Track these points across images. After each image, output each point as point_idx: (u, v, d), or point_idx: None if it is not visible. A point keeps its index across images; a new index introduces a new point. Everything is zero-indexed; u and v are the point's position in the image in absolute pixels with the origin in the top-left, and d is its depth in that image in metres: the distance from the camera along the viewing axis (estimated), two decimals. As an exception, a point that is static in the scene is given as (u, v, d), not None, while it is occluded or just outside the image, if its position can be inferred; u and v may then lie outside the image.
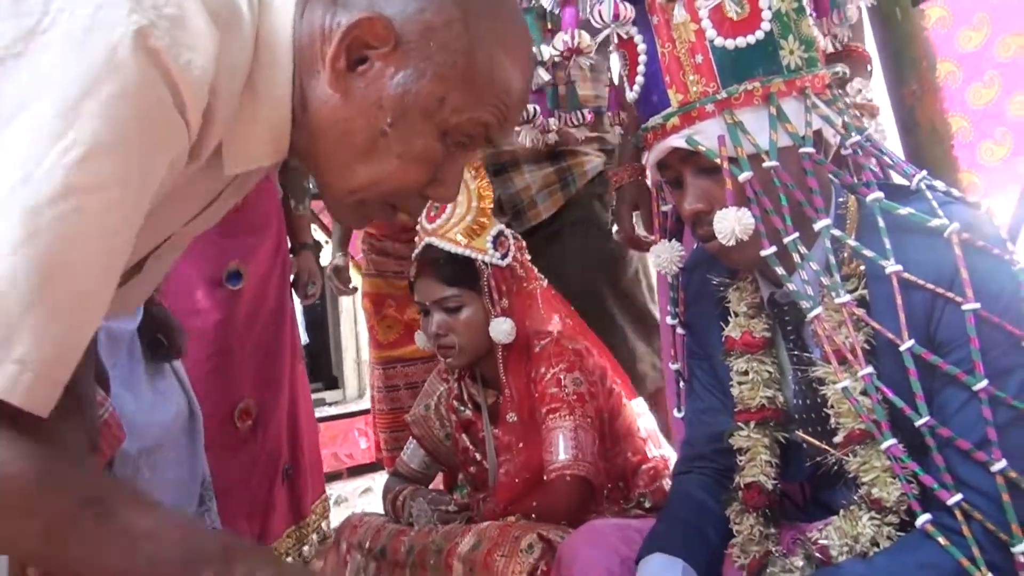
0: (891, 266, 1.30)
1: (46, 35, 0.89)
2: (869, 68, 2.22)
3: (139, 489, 1.00)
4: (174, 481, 2.19)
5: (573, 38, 1.50)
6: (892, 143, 2.29)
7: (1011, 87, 2.78)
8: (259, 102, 1.07)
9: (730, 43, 1.38)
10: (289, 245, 3.21)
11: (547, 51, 1.58)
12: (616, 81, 1.81)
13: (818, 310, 1.35)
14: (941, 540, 1.24)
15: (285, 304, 3.06)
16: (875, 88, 2.30)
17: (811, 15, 1.46)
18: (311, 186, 3.30)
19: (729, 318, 1.56)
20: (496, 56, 1.09)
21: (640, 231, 2.51)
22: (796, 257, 1.35)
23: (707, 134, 1.38)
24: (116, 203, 0.92)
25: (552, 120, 1.84)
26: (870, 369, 1.31)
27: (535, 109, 1.81)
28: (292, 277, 3.22)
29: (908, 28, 2.87)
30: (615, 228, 2.53)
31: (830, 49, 1.62)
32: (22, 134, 0.87)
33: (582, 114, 1.86)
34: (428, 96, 1.06)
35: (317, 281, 3.35)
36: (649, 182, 2.47)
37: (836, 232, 1.36)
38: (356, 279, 3.83)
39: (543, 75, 1.72)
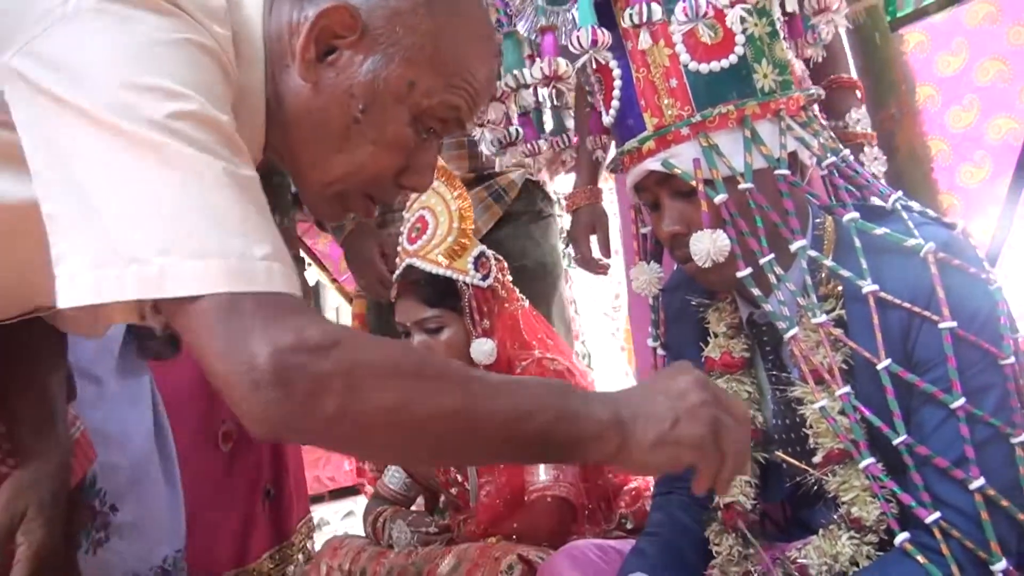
0: (868, 286, 1.31)
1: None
2: (859, 95, 2.24)
3: None
4: (159, 501, 2.17)
5: (550, 65, 1.50)
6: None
7: (989, 111, 2.80)
8: (240, 94, 1.07)
9: (704, 67, 1.39)
10: None
11: (528, 75, 1.59)
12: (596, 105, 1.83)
13: (794, 330, 1.36)
14: (920, 559, 1.24)
15: None
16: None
17: (784, 38, 1.48)
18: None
19: (708, 339, 1.56)
20: (461, 39, 1.12)
21: (596, 254, 2.54)
22: (772, 278, 1.36)
23: (682, 157, 1.39)
24: (230, 125, 0.96)
25: (542, 142, 1.84)
26: (847, 389, 1.32)
27: (518, 131, 1.82)
28: None
29: (887, 52, 2.90)
30: (571, 251, 2.55)
31: (799, 71, 1.64)
32: (128, 91, 0.89)
33: (567, 137, 1.87)
34: (398, 81, 1.07)
35: (307, 296, 3.35)
36: (603, 204, 2.50)
37: (812, 253, 1.37)
38: (343, 303, 3.80)
39: (528, 98, 1.72)
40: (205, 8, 0.99)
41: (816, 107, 1.54)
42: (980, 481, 1.23)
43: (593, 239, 2.56)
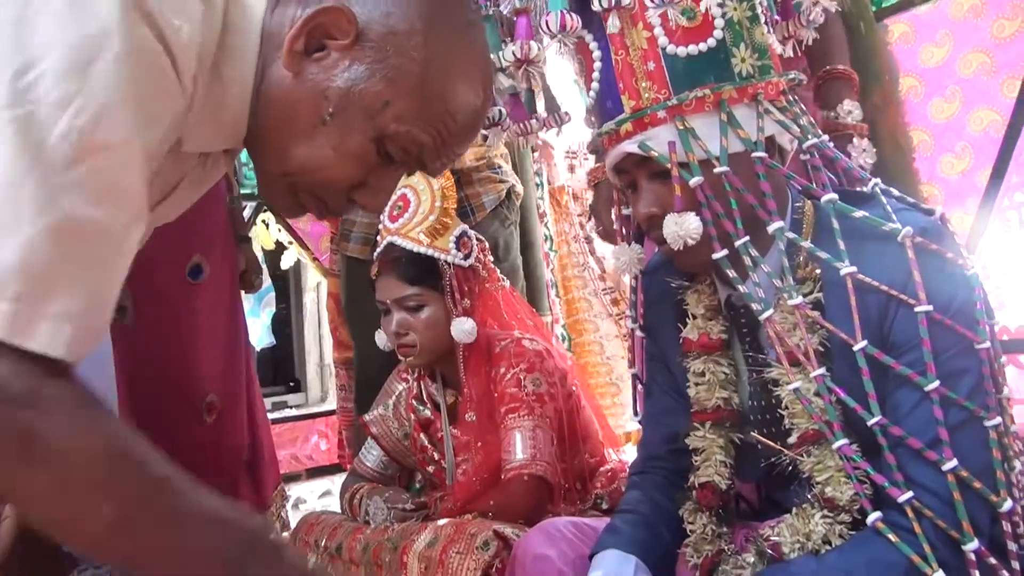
0: (846, 268, 1.32)
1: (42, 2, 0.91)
2: (854, 87, 2.25)
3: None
4: None
5: (522, 49, 1.51)
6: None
7: (972, 103, 2.82)
8: (222, 85, 1.08)
9: (682, 50, 1.40)
10: None
11: (499, 60, 1.61)
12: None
13: (769, 312, 1.36)
14: (892, 537, 1.24)
15: (237, 296, 3.06)
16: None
17: (766, 22, 1.47)
18: (244, 179, 3.34)
19: (687, 320, 1.57)
20: (450, 77, 1.12)
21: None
22: (747, 260, 1.36)
23: (659, 140, 1.40)
24: (128, 160, 0.94)
25: (534, 122, 1.86)
26: (823, 370, 1.33)
27: (500, 112, 1.82)
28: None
29: (872, 42, 2.91)
30: (591, 223, 2.57)
31: (789, 54, 1.65)
32: (33, 98, 0.87)
33: (558, 116, 1.87)
34: (374, 97, 1.08)
35: (261, 271, 3.37)
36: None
37: (790, 235, 1.37)
38: (324, 280, 3.81)
39: (503, 81, 1.73)
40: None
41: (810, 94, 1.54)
42: (953, 462, 1.24)
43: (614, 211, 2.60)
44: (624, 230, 1.78)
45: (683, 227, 1.36)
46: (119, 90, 0.91)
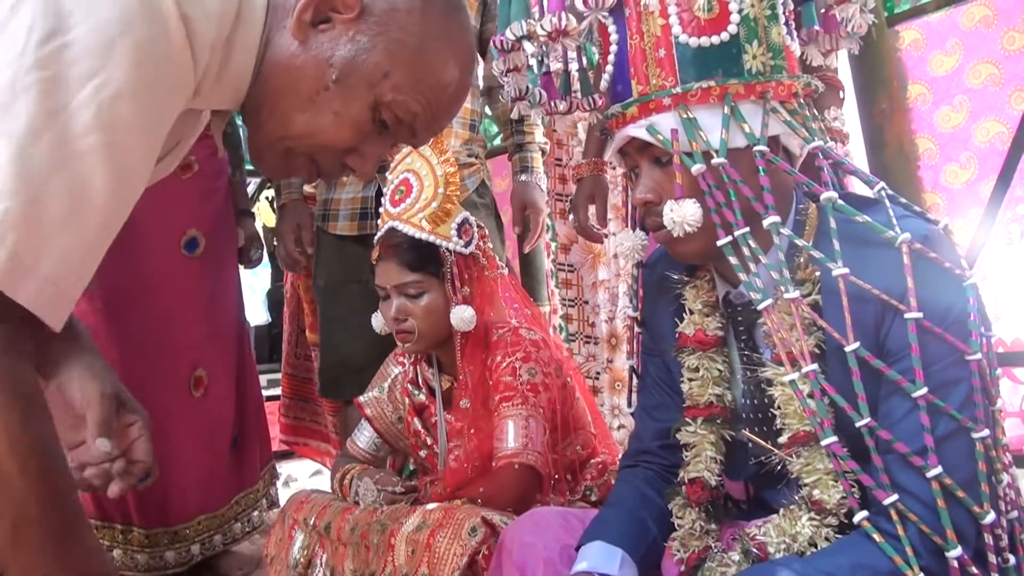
0: (838, 269, 1.32)
1: None
2: (842, 95, 2.26)
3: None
4: None
5: (552, 21, 1.55)
6: (859, 161, 2.32)
7: (979, 113, 2.83)
8: (233, 52, 1.14)
9: (693, 41, 1.40)
10: None
11: (521, 28, 1.63)
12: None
13: (768, 301, 1.36)
14: (876, 537, 1.25)
15: (233, 271, 3.06)
16: (846, 105, 2.34)
17: (786, 23, 1.47)
18: (246, 154, 3.34)
19: (684, 315, 1.57)
20: (442, 52, 1.23)
21: (593, 223, 2.60)
22: (746, 251, 1.37)
23: (662, 127, 1.40)
24: (138, 143, 1.03)
25: (562, 103, 1.87)
26: (815, 366, 1.33)
27: (541, 93, 1.84)
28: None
29: (882, 48, 2.92)
30: (571, 217, 2.59)
31: (835, 66, 1.66)
32: (59, 65, 0.95)
33: (593, 99, 1.88)
34: (375, 67, 1.18)
35: (261, 247, 3.36)
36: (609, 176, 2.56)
37: (786, 231, 1.37)
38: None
39: (528, 47, 1.75)
40: None
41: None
42: (937, 469, 1.24)
43: (592, 208, 2.64)
44: (629, 217, 1.78)
45: (679, 213, 1.37)
46: (138, 76, 0.99)
